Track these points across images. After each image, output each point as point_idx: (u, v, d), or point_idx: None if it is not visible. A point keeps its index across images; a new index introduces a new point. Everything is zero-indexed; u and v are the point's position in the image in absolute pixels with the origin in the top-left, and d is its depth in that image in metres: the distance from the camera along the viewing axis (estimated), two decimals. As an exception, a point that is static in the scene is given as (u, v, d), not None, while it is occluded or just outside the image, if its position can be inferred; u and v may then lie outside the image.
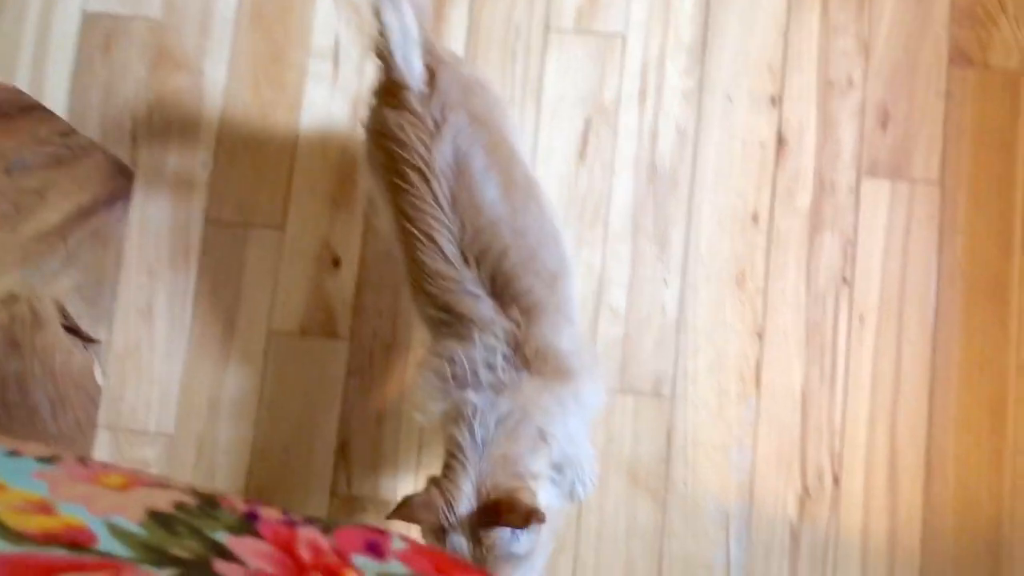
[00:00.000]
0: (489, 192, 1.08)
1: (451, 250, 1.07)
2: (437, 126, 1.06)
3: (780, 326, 1.51)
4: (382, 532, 0.69)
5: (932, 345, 1.50)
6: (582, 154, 1.57)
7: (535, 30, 1.59)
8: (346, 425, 1.52)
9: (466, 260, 1.08)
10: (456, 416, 1.07)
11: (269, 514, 0.67)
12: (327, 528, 0.68)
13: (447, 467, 1.05)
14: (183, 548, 0.59)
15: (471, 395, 1.06)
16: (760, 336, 1.51)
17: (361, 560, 0.65)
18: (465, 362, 1.08)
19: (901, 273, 1.52)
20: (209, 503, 0.66)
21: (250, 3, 1.62)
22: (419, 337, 1.53)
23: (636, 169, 1.56)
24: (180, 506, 0.64)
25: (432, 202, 1.06)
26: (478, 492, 1.01)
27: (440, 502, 1.01)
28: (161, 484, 0.67)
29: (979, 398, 1.48)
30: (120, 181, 1.56)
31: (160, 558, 0.57)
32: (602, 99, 1.58)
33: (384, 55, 1.10)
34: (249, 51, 1.62)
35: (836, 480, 1.47)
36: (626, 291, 1.54)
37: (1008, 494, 1.45)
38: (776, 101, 1.57)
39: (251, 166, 1.59)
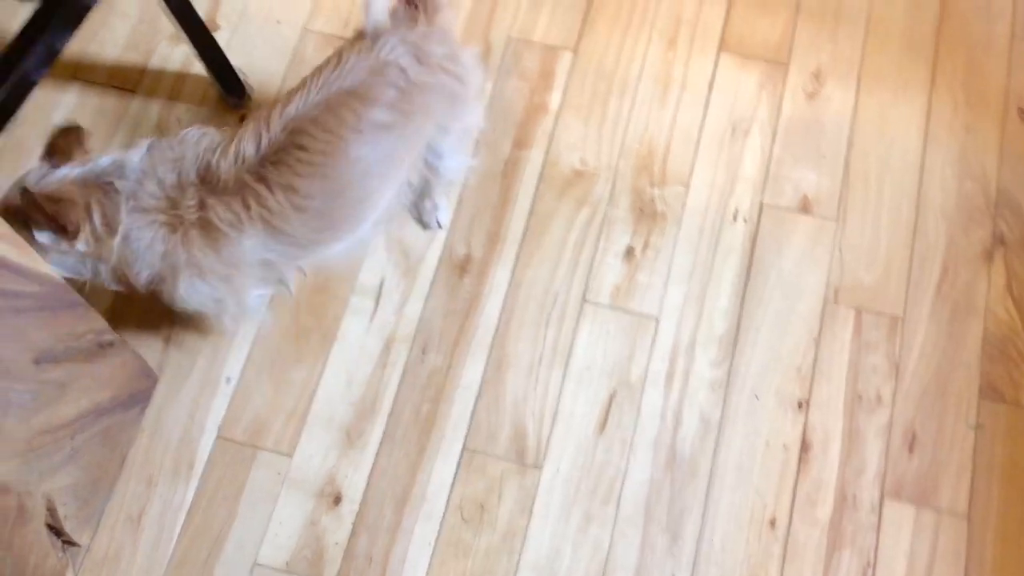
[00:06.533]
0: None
1: None
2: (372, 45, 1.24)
3: (789, 645, 1.41)
4: None
5: None
6: (603, 426, 1.56)
7: (572, 299, 1.63)
8: None
9: None
10: None
11: None
12: None
13: None
14: None
15: None
16: (767, 654, 1.41)
17: None
18: None
19: (923, 607, 1.43)
20: None
21: (307, 235, 1.70)
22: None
23: (656, 451, 1.54)
24: None
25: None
26: None
27: None
28: None
29: None
30: (143, 384, 1.57)
31: None
32: (629, 375, 1.59)
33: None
34: (296, 277, 1.67)
35: None
36: (630, 578, 1.46)
37: None
38: (803, 406, 1.56)
39: (274, 388, 1.59)
